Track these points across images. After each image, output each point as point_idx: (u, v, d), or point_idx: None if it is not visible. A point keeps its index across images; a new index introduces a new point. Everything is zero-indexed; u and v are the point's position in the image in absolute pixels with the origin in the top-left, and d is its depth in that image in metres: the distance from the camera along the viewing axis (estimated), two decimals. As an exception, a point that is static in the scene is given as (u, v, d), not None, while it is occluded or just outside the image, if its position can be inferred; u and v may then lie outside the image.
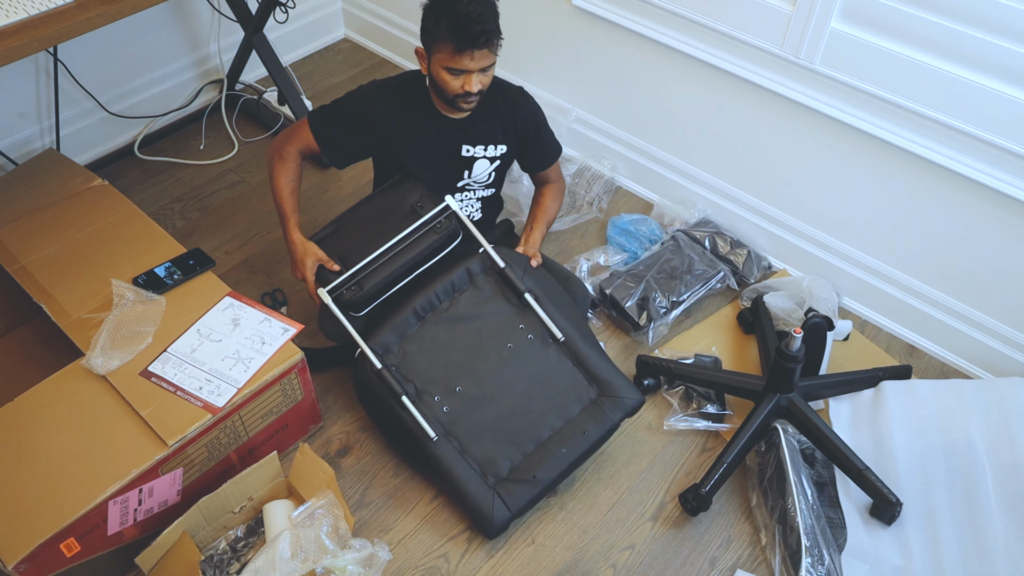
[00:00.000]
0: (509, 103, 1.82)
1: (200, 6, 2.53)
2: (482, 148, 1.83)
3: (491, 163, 1.86)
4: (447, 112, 1.77)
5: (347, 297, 1.69)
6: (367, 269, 1.72)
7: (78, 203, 1.90)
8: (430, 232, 1.74)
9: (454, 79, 1.64)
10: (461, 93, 1.65)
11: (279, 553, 1.45)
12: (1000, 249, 1.79)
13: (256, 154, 2.56)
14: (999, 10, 1.54)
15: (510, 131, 1.83)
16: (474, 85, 1.64)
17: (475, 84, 1.64)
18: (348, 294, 1.70)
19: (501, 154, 1.85)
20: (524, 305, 1.74)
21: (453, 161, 1.83)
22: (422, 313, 1.73)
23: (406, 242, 1.73)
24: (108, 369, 1.56)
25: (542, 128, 1.89)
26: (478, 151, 1.83)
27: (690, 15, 1.97)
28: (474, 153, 1.83)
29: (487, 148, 1.83)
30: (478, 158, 1.84)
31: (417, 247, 1.73)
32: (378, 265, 1.72)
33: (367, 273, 1.72)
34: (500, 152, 1.85)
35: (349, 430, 1.86)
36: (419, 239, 1.74)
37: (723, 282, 2.13)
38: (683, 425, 1.87)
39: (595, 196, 2.37)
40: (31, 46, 1.54)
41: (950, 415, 1.74)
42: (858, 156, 1.89)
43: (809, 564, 1.56)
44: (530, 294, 1.73)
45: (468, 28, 1.55)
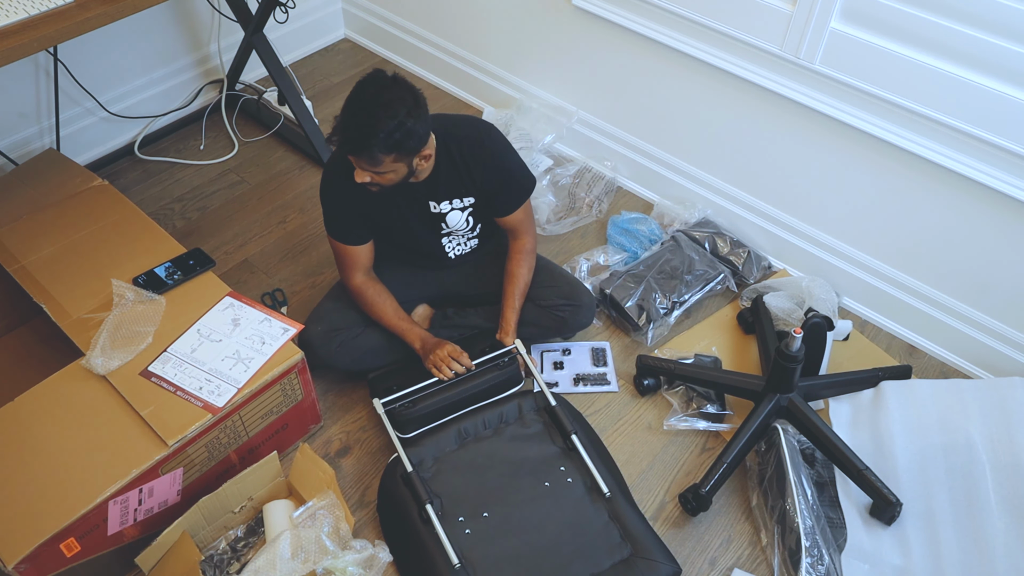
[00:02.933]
0: (467, 157, 1.74)
1: (200, 6, 2.53)
2: (448, 204, 1.80)
3: (463, 212, 1.82)
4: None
5: (397, 413, 1.73)
6: (424, 391, 1.77)
7: (78, 203, 1.90)
8: (493, 368, 1.80)
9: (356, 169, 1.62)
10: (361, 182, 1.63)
11: (279, 553, 1.45)
12: (1000, 249, 1.79)
13: (256, 154, 2.56)
14: (999, 10, 1.54)
15: (471, 184, 1.77)
16: (359, 176, 1.61)
17: (361, 176, 1.61)
18: (399, 410, 1.73)
19: (470, 204, 1.82)
20: (570, 448, 1.70)
21: (427, 218, 1.81)
22: (464, 436, 1.73)
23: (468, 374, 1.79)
24: (108, 369, 1.56)
25: (507, 172, 1.80)
26: (444, 207, 1.80)
27: (690, 15, 1.97)
28: (442, 208, 1.80)
29: (452, 202, 1.80)
30: (447, 212, 1.81)
31: (477, 379, 1.78)
32: (436, 390, 1.77)
33: (423, 395, 1.76)
34: (468, 203, 1.81)
35: (349, 430, 1.86)
36: (480, 373, 1.79)
37: (723, 283, 2.13)
38: (683, 425, 1.87)
39: (595, 198, 2.37)
40: (31, 46, 1.54)
41: (950, 415, 1.74)
42: (858, 156, 1.89)
43: (809, 564, 1.56)
44: (576, 437, 1.69)
45: (345, 130, 1.56)
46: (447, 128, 1.73)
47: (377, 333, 1.85)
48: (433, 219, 1.82)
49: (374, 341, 1.85)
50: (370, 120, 1.53)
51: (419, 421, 1.74)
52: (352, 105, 1.56)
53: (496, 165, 1.77)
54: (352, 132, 1.55)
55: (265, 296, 2.13)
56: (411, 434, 1.74)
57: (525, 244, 1.88)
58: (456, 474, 1.66)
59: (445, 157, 1.73)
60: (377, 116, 1.53)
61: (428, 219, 1.81)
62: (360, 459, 1.81)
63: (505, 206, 1.83)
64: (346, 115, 1.57)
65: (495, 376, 1.79)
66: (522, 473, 1.66)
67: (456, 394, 1.77)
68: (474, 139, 1.75)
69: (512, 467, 1.67)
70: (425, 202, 1.78)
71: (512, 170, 1.80)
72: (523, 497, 1.63)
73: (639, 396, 1.94)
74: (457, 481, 1.65)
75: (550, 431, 1.74)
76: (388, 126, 1.53)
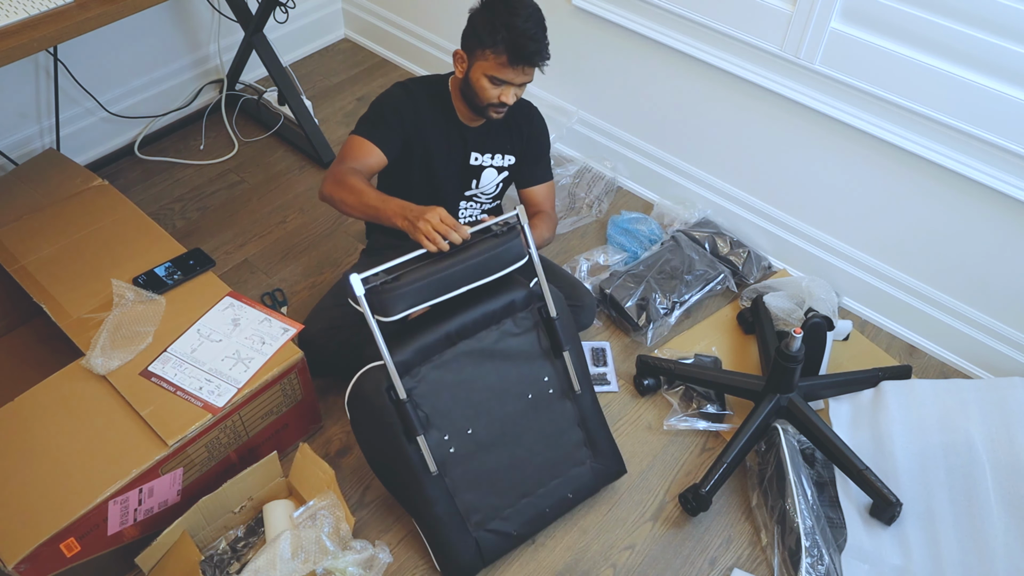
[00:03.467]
0: (522, 116, 1.84)
1: (200, 6, 2.53)
2: (490, 157, 1.84)
3: (499, 173, 1.87)
4: (465, 119, 1.78)
5: (379, 291, 1.42)
6: (411, 264, 1.46)
7: (78, 203, 1.90)
8: (490, 237, 1.52)
9: (493, 88, 1.66)
10: (496, 103, 1.68)
11: (280, 553, 1.45)
12: (1000, 249, 1.79)
13: (256, 154, 2.56)
14: (999, 10, 1.54)
15: (518, 141, 1.85)
16: (511, 97, 1.67)
17: (512, 96, 1.67)
18: (381, 288, 1.42)
19: (509, 164, 1.87)
20: (556, 356, 1.64)
21: (462, 169, 1.84)
22: (455, 338, 1.55)
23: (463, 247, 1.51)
24: (108, 369, 1.56)
25: (546, 145, 1.91)
26: (486, 160, 1.84)
27: (690, 15, 1.97)
28: (482, 162, 1.84)
29: (494, 157, 1.84)
30: (486, 167, 1.85)
31: (473, 250, 1.50)
32: (424, 263, 1.47)
33: (409, 269, 1.46)
34: (508, 163, 1.86)
35: (349, 430, 1.86)
36: (477, 243, 1.51)
37: (723, 283, 2.13)
38: (683, 425, 1.87)
39: (595, 198, 2.37)
40: (31, 46, 1.54)
41: (950, 415, 1.74)
42: (858, 156, 1.89)
43: (809, 564, 1.56)
44: (567, 353, 1.63)
45: (526, 45, 1.59)
46: None
47: None
48: (467, 173, 1.85)
49: None
50: (538, 25, 1.61)
51: (405, 299, 1.44)
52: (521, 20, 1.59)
53: (540, 135, 1.88)
54: (533, 44, 1.60)
55: (265, 296, 2.13)
56: (395, 316, 1.44)
57: (551, 215, 1.94)
58: (445, 389, 1.53)
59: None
60: (539, 18, 1.62)
61: (464, 172, 1.85)
62: (360, 459, 1.81)
63: (537, 175, 1.91)
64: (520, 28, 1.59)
65: (494, 247, 1.51)
66: (508, 384, 1.59)
67: (449, 267, 1.47)
68: (527, 104, 1.86)
69: (499, 377, 1.58)
70: (468, 152, 1.82)
71: (547, 139, 1.91)
72: (507, 411, 1.60)
73: (639, 396, 1.94)
74: (446, 397, 1.53)
75: (539, 332, 1.61)
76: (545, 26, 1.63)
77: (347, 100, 2.78)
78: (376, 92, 2.78)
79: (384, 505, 1.73)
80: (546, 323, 1.62)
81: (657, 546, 1.68)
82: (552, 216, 1.95)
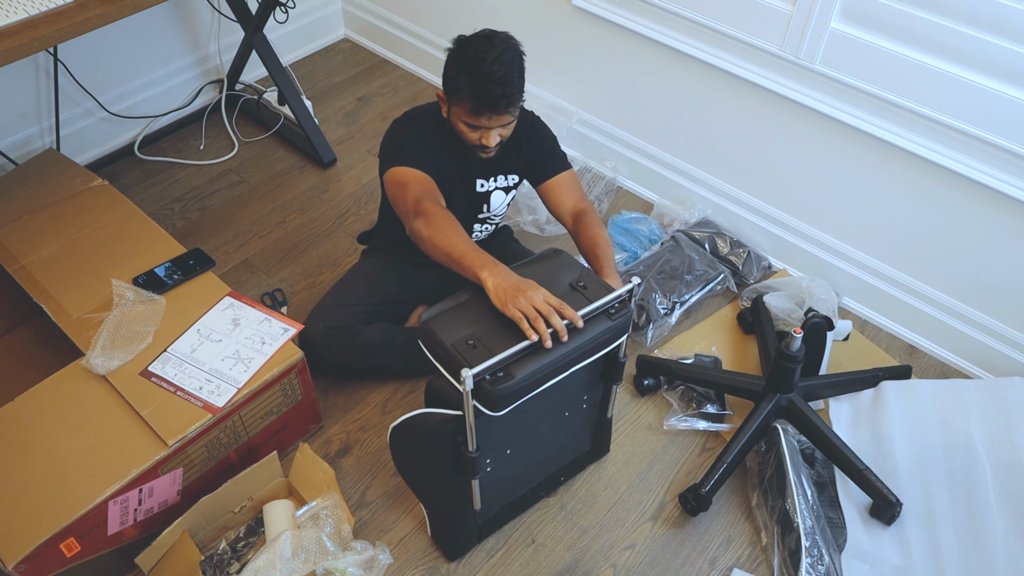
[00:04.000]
0: (519, 131, 1.74)
1: (200, 6, 2.53)
2: (495, 181, 1.79)
3: (506, 193, 1.83)
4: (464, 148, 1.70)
5: (491, 386, 1.26)
6: (520, 355, 1.30)
7: (78, 203, 1.90)
8: (603, 317, 1.38)
9: (472, 132, 1.60)
10: (478, 145, 1.62)
11: (280, 553, 1.45)
12: (1000, 249, 1.79)
13: (256, 154, 2.56)
14: (999, 10, 1.54)
15: (517, 159, 1.78)
16: (492, 139, 1.60)
17: (493, 139, 1.60)
18: (492, 382, 1.27)
19: (514, 183, 1.83)
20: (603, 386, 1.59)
21: (471, 197, 1.80)
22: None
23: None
24: (108, 369, 1.56)
25: (548, 139, 1.80)
26: (491, 184, 1.79)
27: (690, 15, 1.97)
28: (488, 187, 1.80)
29: (498, 179, 1.79)
30: (492, 191, 1.81)
31: (586, 334, 1.35)
32: (534, 353, 1.31)
33: (518, 360, 1.30)
34: (513, 182, 1.82)
35: (349, 430, 1.86)
36: (589, 324, 1.36)
37: (723, 283, 2.13)
38: (683, 425, 1.87)
39: (595, 198, 2.37)
40: (31, 46, 1.54)
41: (950, 415, 1.74)
42: (858, 156, 1.89)
43: (809, 564, 1.56)
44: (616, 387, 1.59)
45: (489, 91, 1.50)
46: None
47: (377, 331, 1.85)
48: (477, 199, 1.81)
49: (374, 339, 1.85)
50: (506, 69, 1.50)
51: (517, 395, 1.31)
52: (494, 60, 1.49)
53: (537, 135, 1.78)
54: (498, 89, 1.50)
55: (265, 296, 2.13)
56: (502, 412, 1.32)
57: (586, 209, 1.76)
58: (499, 424, 1.40)
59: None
60: (507, 62, 1.51)
61: (472, 199, 1.81)
62: (360, 459, 1.81)
63: (553, 166, 1.78)
64: (483, 74, 1.49)
65: (609, 328, 1.37)
66: (554, 407, 1.51)
67: (562, 357, 1.33)
68: (527, 117, 1.78)
69: (547, 406, 1.49)
70: (473, 180, 1.78)
71: (551, 137, 1.81)
72: (543, 429, 1.55)
73: (639, 396, 1.94)
74: (499, 430, 1.42)
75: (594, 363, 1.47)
76: (518, 67, 1.54)
77: (347, 100, 2.78)
78: (376, 92, 2.80)
79: (384, 505, 1.73)
80: (611, 359, 1.50)
81: (657, 546, 1.68)
82: (591, 208, 1.77)
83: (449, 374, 1.32)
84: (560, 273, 1.44)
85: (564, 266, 1.47)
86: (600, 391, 1.61)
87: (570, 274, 1.44)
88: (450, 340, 1.31)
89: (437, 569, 1.63)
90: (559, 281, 1.42)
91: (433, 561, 1.65)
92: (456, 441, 1.38)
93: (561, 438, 1.64)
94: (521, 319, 1.30)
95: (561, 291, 1.40)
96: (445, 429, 1.38)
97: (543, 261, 1.49)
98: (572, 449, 1.70)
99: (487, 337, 1.32)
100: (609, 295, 1.38)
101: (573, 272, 1.45)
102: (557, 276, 1.44)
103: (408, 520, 1.71)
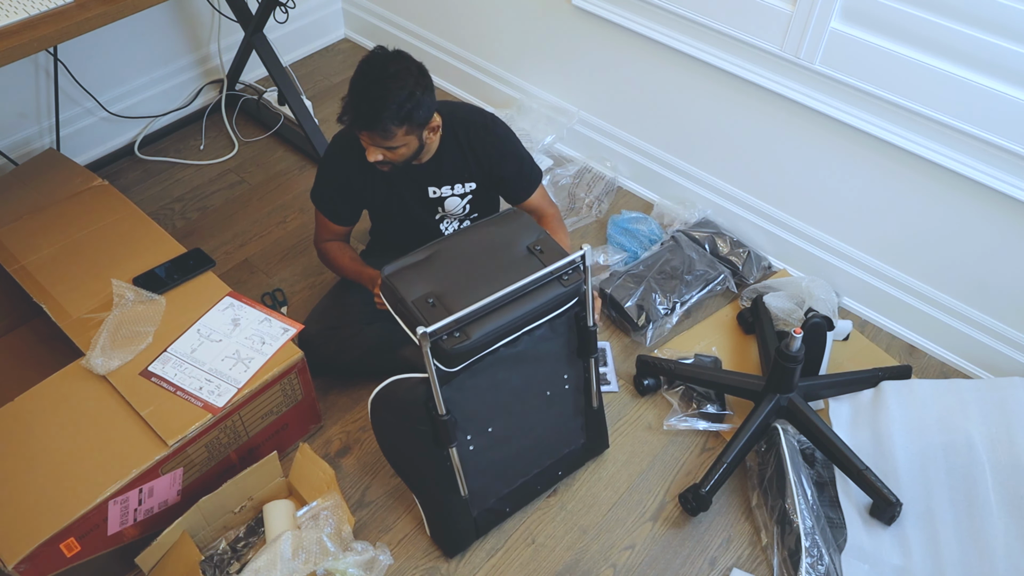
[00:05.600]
0: (473, 141, 1.74)
1: (200, 6, 2.53)
2: (448, 188, 1.79)
3: (462, 199, 1.83)
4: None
5: (447, 345, 1.36)
6: (477, 315, 1.39)
7: (78, 203, 1.90)
8: (555, 283, 1.46)
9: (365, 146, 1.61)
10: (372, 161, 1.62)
11: (280, 553, 1.45)
12: (1000, 249, 1.79)
13: (256, 154, 2.56)
14: (999, 10, 1.54)
15: (476, 169, 1.77)
16: (370, 155, 1.59)
17: (371, 154, 1.59)
18: (449, 342, 1.36)
19: (471, 190, 1.81)
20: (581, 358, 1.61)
21: (424, 203, 1.81)
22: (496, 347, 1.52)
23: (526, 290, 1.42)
24: (108, 369, 1.56)
25: (513, 158, 1.79)
26: (445, 191, 1.79)
27: (690, 15, 1.97)
28: (441, 193, 1.80)
29: (454, 187, 1.79)
30: (446, 197, 1.81)
31: (538, 299, 1.43)
32: (489, 313, 1.40)
33: (475, 320, 1.39)
34: (469, 188, 1.81)
35: (349, 430, 1.86)
36: (541, 289, 1.44)
37: (723, 284, 2.13)
38: (683, 425, 1.87)
39: (595, 199, 2.37)
40: (31, 46, 1.54)
41: (950, 415, 1.74)
42: (858, 156, 1.89)
43: (809, 564, 1.56)
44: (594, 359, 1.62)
45: (356, 107, 1.54)
46: (452, 111, 1.73)
47: (376, 331, 1.85)
48: (431, 203, 1.82)
49: (373, 339, 1.85)
50: (381, 91, 1.52)
51: (472, 352, 1.40)
52: (360, 80, 1.55)
53: (508, 152, 1.78)
54: (364, 106, 1.53)
55: (265, 296, 2.13)
56: (458, 367, 1.41)
57: (555, 214, 1.90)
58: (475, 394, 1.48)
59: (451, 139, 1.73)
60: (387, 87, 1.52)
61: (426, 204, 1.82)
62: (360, 459, 1.81)
63: (523, 191, 1.85)
64: (355, 91, 1.55)
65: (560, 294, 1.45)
66: (532, 383, 1.56)
67: (518, 317, 1.42)
68: (480, 125, 1.75)
69: (526, 379, 1.54)
70: (424, 187, 1.78)
71: (523, 155, 1.82)
72: (526, 407, 1.58)
73: (639, 396, 1.94)
74: (474, 401, 1.48)
75: (569, 336, 1.55)
76: (399, 96, 1.52)
77: (347, 100, 2.78)
78: (376, 92, 2.80)
79: (384, 505, 1.73)
80: (582, 331, 1.56)
81: (657, 546, 1.68)
82: (556, 214, 1.91)
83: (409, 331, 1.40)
84: (520, 234, 1.51)
85: (524, 227, 1.52)
86: (581, 370, 1.63)
87: (529, 236, 1.50)
88: (411, 297, 1.40)
89: (437, 569, 1.63)
90: (518, 243, 1.49)
91: (433, 561, 1.65)
92: (428, 407, 1.44)
93: (549, 423, 1.64)
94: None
95: (518, 253, 1.48)
96: (416, 392, 1.45)
97: (505, 221, 1.54)
98: (565, 440, 1.70)
99: (447, 296, 1.40)
100: (559, 261, 1.45)
101: (532, 235, 1.51)
102: (516, 237, 1.50)
103: (408, 520, 1.71)
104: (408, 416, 1.49)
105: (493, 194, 1.89)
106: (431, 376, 1.38)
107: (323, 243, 1.90)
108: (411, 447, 1.55)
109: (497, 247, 1.49)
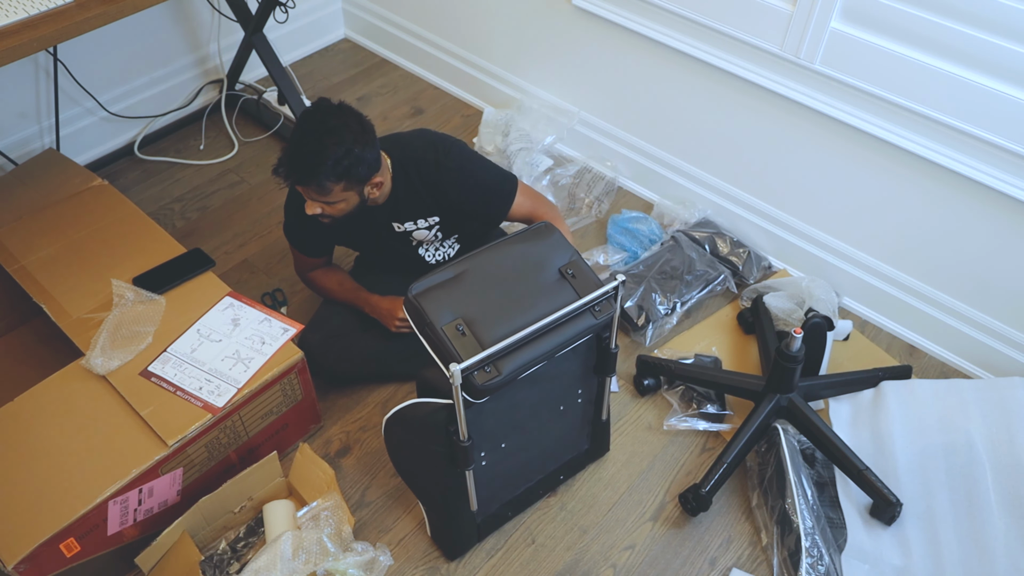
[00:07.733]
0: (426, 178, 1.68)
1: (200, 6, 2.53)
2: (412, 223, 1.75)
3: (430, 230, 1.78)
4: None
5: (479, 380, 1.31)
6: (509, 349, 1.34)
7: (78, 203, 1.90)
8: (587, 314, 1.41)
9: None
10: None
11: (280, 553, 1.45)
12: (1000, 249, 1.79)
13: (256, 154, 2.56)
14: (999, 10, 1.54)
15: (434, 205, 1.72)
16: (309, 208, 1.58)
17: (311, 208, 1.58)
18: (481, 376, 1.32)
19: (435, 223, 1.76)
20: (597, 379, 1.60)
21: (392, 236, 1.78)
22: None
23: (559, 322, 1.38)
24: (108, 369, 1.56)
25: (472, 189, 1.70)
26: (408, 226, 1.76)
27: (690, 15, 1.97)
28: (406, 228, 1.76)
29: (416, 222, 1.75)
30: (412, 231, 1.77)
31: (569, 330, 1.39)
32: (523, 343, 1.35)
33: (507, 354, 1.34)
34: (434, 221, 1.76)
35: (349, 430, 1.86)
36: (573, 320, 1.39)
37: (723, 284, 2.13)
38: (683, 425, 1.87)
39: (595, 199, 2.37)
40: (31, 46, 1.54)
41: (950, 415, 1.74)
42: (858, 156, 1.89)
43: (809, 564, 1.56)
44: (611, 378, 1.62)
45: (290, 161, 1.52)
46: (403, 150, 1.68)
47: (376, 338, 1.85)
48: (400, 236, 1.79)
49: (374, 346, 1.84)
50: (317, 147, 1.49)
51: (497, 388, 1.35)
52: (298, 135, 1.52)
53: (466, 184, 1.69)
54: (298, 162, 1.50)
55: (265, 296, 2.13)
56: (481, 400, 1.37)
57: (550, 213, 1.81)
58: (493, 414, 1.45)
59: (403, 180, 1.68)
60: (324, 144, 1.49)
61: (395, 238, 1.79)
62: (360, 459, 1.81)
63: (497, 213, 1.76)
64: (292, 145, 1.52)
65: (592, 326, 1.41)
66: (548, 400, 1.54)
67: (549, 351, 1.37)
68: (432, 162, 1.67)
69: (542, 396, 1.51)
70: (388, 223, 1.75)
71: (484, 181, 1.72)
72: (539, 423, 1.56)
73: (639, 396, 1.94)
74: (491, 421, 1.45)
75: (588, 356, 1.53)
76: (336, 153, 1.49)
77: (347, 100, 2.76)
78: (376, 92, 2.81)
79: (384, 505, 1.73)
80: (603, 351, 1.54)
81: (657, 546, 1.68)
82: (551, 213, 1.81)
83: (438, 358, 1.36)
84: (551, 254, 1.45)
85: (555, 246, 1.47)
86: (595, 385, 1.62)
87: (560, 258, 1.46)
88: (440, 323, 1.34)
89: (437, 569, 1.63)
90: (549, 264, 1.44)
91: (433, 561, 1.65)
92: (448, 431, 1.40)
93: (558, 434, 1.63)
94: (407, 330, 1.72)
95: (550, 277, 1.43)
96: (437, 418, 1.41)
97: (536, 237, 1.48)
98: (570, 447, 1.70)
99: (477, 323, 1.35)
100: (593, 293, 1.40)
101: (563, 255, 1.46)
102: (548, 257, 1.45)
103: (408, 520, 1.71)
104: (426, 437, 1.46)
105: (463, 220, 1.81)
106: (458, 407, 1.34)
107: (307, 273, 1.90)
108: (424, 465, 1.53)
109: (528, 268, 1.43)
